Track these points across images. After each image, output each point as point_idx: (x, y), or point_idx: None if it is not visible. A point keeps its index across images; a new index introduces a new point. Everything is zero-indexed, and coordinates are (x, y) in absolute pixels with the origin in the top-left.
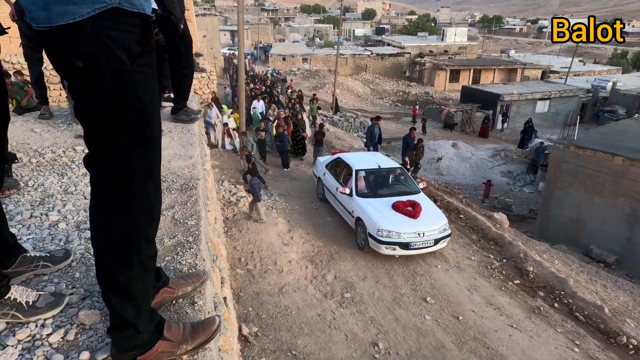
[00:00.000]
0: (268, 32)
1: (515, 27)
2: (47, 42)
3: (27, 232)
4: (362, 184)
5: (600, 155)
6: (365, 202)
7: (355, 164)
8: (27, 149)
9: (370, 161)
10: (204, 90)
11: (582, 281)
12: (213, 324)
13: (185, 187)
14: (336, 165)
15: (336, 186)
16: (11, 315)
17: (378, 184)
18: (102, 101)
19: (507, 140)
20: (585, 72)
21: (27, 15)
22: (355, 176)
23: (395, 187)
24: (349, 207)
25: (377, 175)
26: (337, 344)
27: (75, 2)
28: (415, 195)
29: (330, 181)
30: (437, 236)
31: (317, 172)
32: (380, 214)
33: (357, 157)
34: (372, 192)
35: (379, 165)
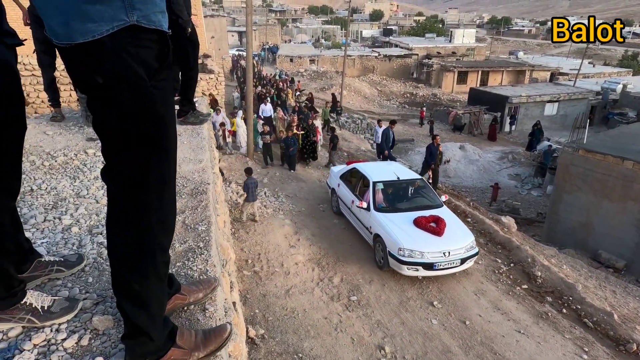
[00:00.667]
0: (276, 33)
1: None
2: (67, 58)
3: (41, 236)
4: (380, 197)
5: (610, 159)
6: (384, 217)
7: (372, 175)
8: (40, 151)
9: (388, 172)
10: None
11: (590, 287)
12: (224, 331)
13: (196, 191)
14: (351, 176)
15: (352, 199)
16: (27, 319)
17: (397, 197)
18: (121, 116)
19: (515, 142)
20: (595, 74)
21: (47, 30)
22: (372, 189)
23: (416, 200)
24: (367, 223)
25: (396, 187)
26: (343, 347)
27: (94, 20)
28: (438, 210)
29: (345, 193)
30: (463, 255)
31: (331, 183)
32: (401, 231)
33: (373, 167)
34: (392, 207)
35: (398, 177)
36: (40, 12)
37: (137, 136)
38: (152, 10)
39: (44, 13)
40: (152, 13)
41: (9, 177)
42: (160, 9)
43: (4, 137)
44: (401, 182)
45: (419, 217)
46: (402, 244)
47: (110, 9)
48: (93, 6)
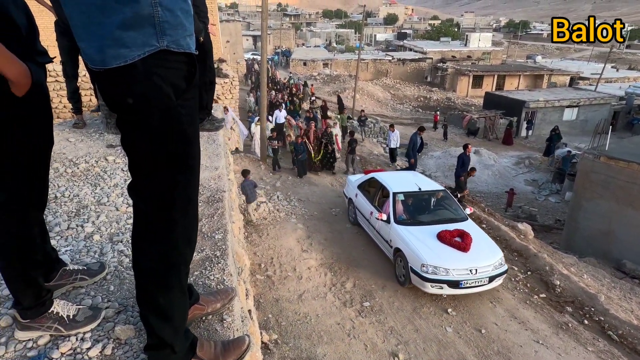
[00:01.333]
0: (290, 37)
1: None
2: (100, 80)
3: (64, 244)
4: (400, 209)
5: (635, 166)
6: (405, 230)
7: (392, 185)
8: (63, 158)
9: (409, 182)
10: (226, 95)
11: (614, 298)
12: (243, 343)
13: (212, 199)
14: (369, 186)
15: (370, 210)
16: (54, 328)
17: (419, 209)
18: (149, 135)
19: (531, 147)
20: (618, 78)
21: (83, 55)
22: (393, 200)
23: (439, 213)
24: (386, 236)
25: (418, 199)
26: (356, 353)
27: (127, 45)
28: (463, 223)
29: (364, 204)
30: (491, 273)
31: (348, 192)
32: (424, 246)
33: (393, 177)
34: (413, 219)
35: (420, 188)
36: (76, 37)
37: (165, 156)
38: (182, 35)
39: (79, 38)
40: (182, 37)
41: (38, 191)
42: (189, 33)
43: (35, 153)
44: (423, 193)
45: (443, 231)
46: (426, 259)
47: (142, 35)
48: (126, 32)
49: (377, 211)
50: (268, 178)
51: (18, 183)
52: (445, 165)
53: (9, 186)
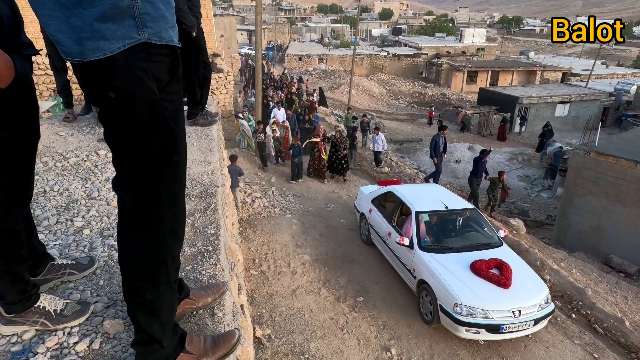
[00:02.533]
0: (285, 32)
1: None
2: (80, 73)
3: (53, 238)
4: (425, 232)
5: (623, 162)
6: (432, 259)
7: (414, 202)
8: (53, 152)
9: (432, 198)
10: (220, 90)
11: (601, 292)
12: (233, 337)
13: (205, 194)
14: (386, 200)
15: (387, 230)
16: (40, 323)
17: (447, 231)
18: (133, 130)
19: (524, 143)
20: (608, 74)
21: (60, 49)
22: (416, 220)
23: (470, 236)
24: (408, 263)
25: (445, 219)
26: (349, 348)
27: (106, 37)
28: (498, 250)
29: (379, 222)
30: (537, 315)
31: (361, 206)
32: (457, 280)
33: (414, 192)
34: (441, 245)
35: (446, 206)
36: (50, 28)
37: (149, 151)
38: (163, 27)
39: (55, 29)
40: (164, 30)
41: (23, 186)
42: (171, 25)
43: (19, 147)
44: (451, 212)
45: (478, 261)
46: (460, 298)
47: (122, 27)
48: (105, 24)
49: (397, 233)
50: (263, 174)
51: (2, 177)
52: None
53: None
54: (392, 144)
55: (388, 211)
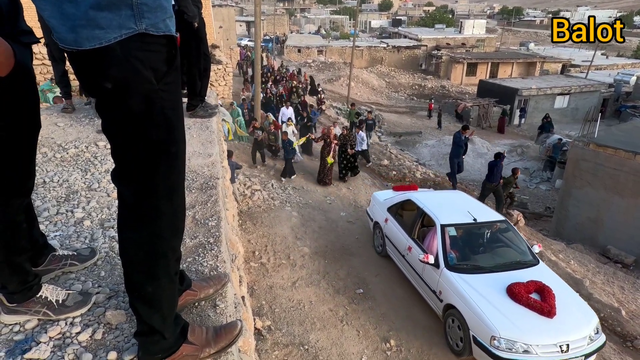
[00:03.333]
0: (284, 23)
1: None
2: (75, 62)
3: (54, 229)
4: (452, 248)
5: (622, 153)
6: (462, 280)
7: (438, 213)
8: (52, 143)
9: (457, 208)
10: (219, 82)
11: (598, 282)
12: (235, 328)
13: (205, 186)
14: (403, 209)
15: (407, 244)
16: (42, 312)
17: (476, 247)
18: (130, 120)
19: (524, 136)
20: (608, 65)
21: (54, 35)
22: (441, 235)
23: (502, 253)
24: (433, 284)
25: (474, 234)
26: (349, 339)
27: (102, 26)
28: (535, 269)
29: (397, 234)
30: (587, 349)
31: (374, 214)
32: (493, 308)
33: (436, 200)
34: (471, 264)
35: (475, 218)
36: (44, 14)
37: (145, 141)
38: (161, 18)
39: (49, 16)
40: (161, 20)
41: (24, 176)
42: (169, 15)
43: (19, 137)
44: (480, 225)
45: (515, 284)
46: (498, 330)
47: (118, 17)
48: (101, 13)
49: (419, 248)
50: (263, 166)
51: (2, 168)
52: (440, 154)
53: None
54: (392, 136)
55: (407, 222)
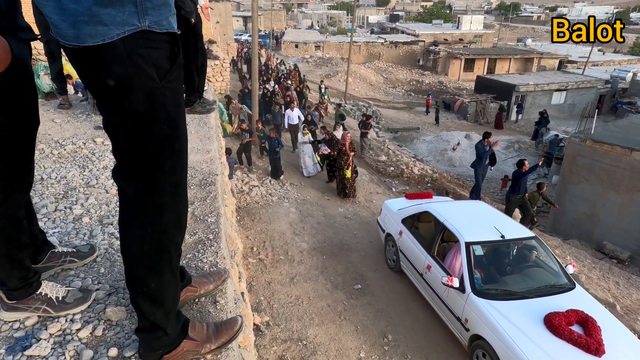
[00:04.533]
0: (281, 18)
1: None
2: (76, 59)
3: (52, 226)
4: (479, 269)
5: (618, 149)
6: (492, 308)
7: (462, 229)
8: (49, 139)
9: (481, 222)
10: (217, 78)
11: (594, 277)
12: (236, 324)
13: (204, 182)
14: (420, 221)
15: (426, 262)
16: (42, 309)
17: (504, 268)
18: (133, 119)
19: (521, 132)
20: (604, 62)
21: (54, 31)
22: (466, 254)
23: (533, 274)
24: (457, 310)
25: (501, 252)
26: (347, 334)
27: (105, 23)
28: (573, 295)
29: (413, 249)
30: None
31: (387, 225)
32: (531, 343)
33: (456, 212)
34: (500, 287)
35: (502, 234)
36: (45, 10)
37: (150, 141)
38: (164, 15)
39: (51, 12)
40: (164, 18)
41: (23, 172)
42: (172, 12)
43: (18, 133)
44: (508, 242)
45: (554, 314)
46: None
47: (122, 13)
48: (104, 9)
49: (439, 267)
50: (260, 162)
51: (2, 164)
52: (437, 150)
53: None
54: (389, 132)
55: (424, 235)
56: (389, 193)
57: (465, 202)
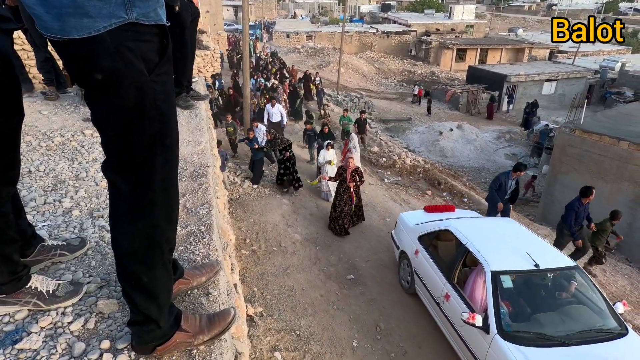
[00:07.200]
0: (272, 8)
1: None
2: (62, 52)
3: (41, 219)
4: (507, 305)
5: (606, 139)
6: (522, 356)
7: (488, 254)
8: (36, 131)
9: (511, 245)
10: (207, 68)
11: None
12: (228, 315)
13: (196, 174)
14: (438, 239)
15: (444, 290)
16: (33, 303)
17: (538, 304)
18: (122, 113)
19: (512, 122)
20: (594, 52)
21: (38, 24)
22: (492, 286)
23: (574, 314)
24: (480, 353)
25: (535, 284)
26: (340, 324)
27: (90, 15)
28: (625, 343)
29: (429, 272)
30: None
31: (402, 242)
32: None
33: (482, 232)
34: (534, 330)
35: (537, 262)
36: (29, 3)
37: (140, 134)
38: (152, 7)
39: (32, 2)
40: (152, 10)
41: (7, 166)
42: (160, 4)
43: (1, 125)
44: (544, 273)
45: None
46: None
47: (108, 5)
48: (90, 1)
49: (459, 298)
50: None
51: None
52: (429, 141)
53: None
54: (382, 123)
55: (444, 257)
56: (381, 184)
57: (493, 220)
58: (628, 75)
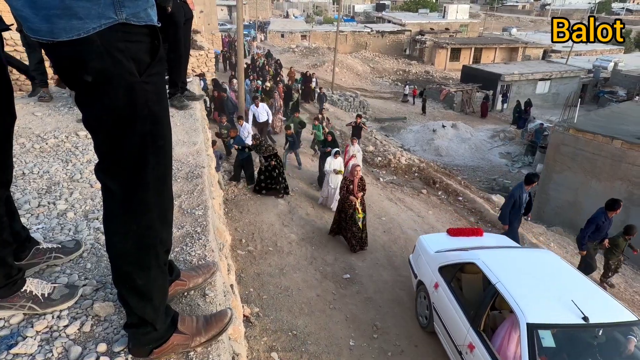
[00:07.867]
0: (266, 7)
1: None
2: (52, 54)
3: (36, 222)
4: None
5: (600, 138)
6: None
7: (523, 301)
8: (30, 133)
9: (552, 288)
10: (202, 68)
11: (576, 263)
12: (225, 316)
13: (191, 175)
14: (463, 272)
15: (468, 339)
16: (28, 307)
17: None
18: (113, 114)
19: (506, 121)
20: (587, 51)
21: (26, 27)
22: (528, 342)
23: None
24: None
25: (582, 341)
26: (336, 324)
27: (79, 16)
28: None
29: (450, 311)
30: None
31: (421, 270)
32: None
33: (515, 269)
34: None
35: (585, 315)
36: (16, 5)
37: (132, 136)
38: (142, 7)
39: (20, 4)
40: (142, 10)
41: (1, 168)
42: (150, 4)
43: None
44: (594, 328)
45: None
46: None
47: (97, 6)
48: (78, 2)
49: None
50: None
51: None
52: (424, 140)
53: None
54: (377, 122)
55: (468, 297)
56: (376, 183)
57: (528, 253)
58: (621, 74)
